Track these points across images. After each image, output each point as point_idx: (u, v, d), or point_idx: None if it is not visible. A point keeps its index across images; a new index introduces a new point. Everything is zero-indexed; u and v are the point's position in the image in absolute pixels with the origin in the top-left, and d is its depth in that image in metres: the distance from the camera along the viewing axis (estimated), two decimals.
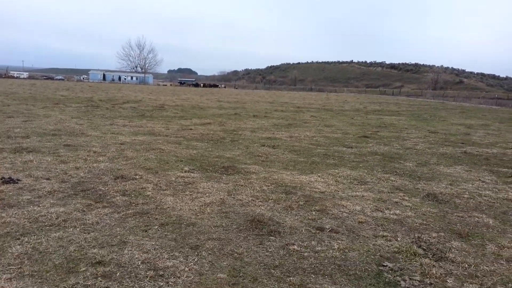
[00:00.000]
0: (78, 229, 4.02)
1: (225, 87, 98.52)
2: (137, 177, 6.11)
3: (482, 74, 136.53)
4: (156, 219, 4.42)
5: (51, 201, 4.84)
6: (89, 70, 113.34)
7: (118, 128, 11.83)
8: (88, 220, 4.28)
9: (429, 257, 3.74)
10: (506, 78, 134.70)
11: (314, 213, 4.88)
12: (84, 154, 7.68)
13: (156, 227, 4.19)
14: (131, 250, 3.58)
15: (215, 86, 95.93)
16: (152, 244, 3.73)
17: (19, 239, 3.71)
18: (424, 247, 3.96)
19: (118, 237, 3.86)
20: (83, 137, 9.70)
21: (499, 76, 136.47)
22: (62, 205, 4.70)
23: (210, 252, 3.65)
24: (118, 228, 4.09)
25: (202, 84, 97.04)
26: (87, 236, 3.84)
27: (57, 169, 6.39)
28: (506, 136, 13.97)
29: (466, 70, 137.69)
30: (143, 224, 4.25)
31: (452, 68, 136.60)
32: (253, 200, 5.27)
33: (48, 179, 5.79)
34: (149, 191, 5.44)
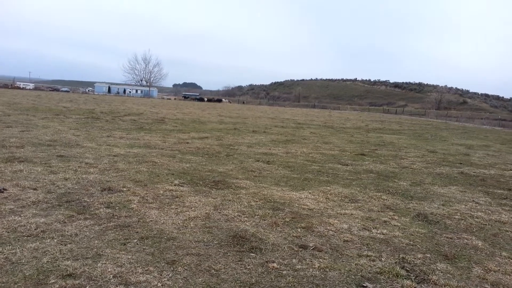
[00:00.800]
0: (55, 240, 3.96)
1: (230, 102, 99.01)
2: (125, 189, 6.06)
3: (486, 95, 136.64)
4: (137, 232, 4.35)
5: (34, 211, 4.79)
6: (95, 82, 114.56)
7: (114, 140, 11.83)
8: (67, 231, 4.22)
9: (411, 279, 3.64)
10: (510, 100, 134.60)
11: (299, 230, 4.80)
12: (76, 165, 7.65)
13: (135, 240, 4.11)
14: (105, 263, 3.51)
15: (219, 101, 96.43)
16: (128, 258, 3.65)
17: None
18: (408, 268, 3.86)
19: (95, 249, 3.79)
20: (78, 148, 9.69)
21: (503, 97, 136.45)
22: (43, 216, 4.64)
23: (186, 268, 3.57)
24: (96, 241, 4.02)
25: (206, 99, 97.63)
26: (63, 248, 3.78)
27: (45, 179, 6.36)
28: (506, 158, 13.85)
29: (470, 91, 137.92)
30: (123, 237, 4.18)
31: (456, 88, 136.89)
32: (239, 216, 5.19)
33: (34, 189, 5.75)
34: (134, 204, 5.38)
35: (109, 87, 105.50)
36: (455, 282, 3.62)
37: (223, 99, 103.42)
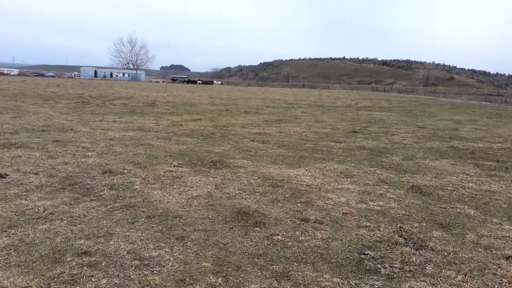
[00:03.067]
0: (65, 221, 4.06)
1: (222, 83, 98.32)
2: (125, 171, 6.15)
3: (473, 71, 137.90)
4: (143, 211, 4.47)
5: (39, 195, 4.87)
6: (81, 66, 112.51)
7: (108, 124, 11.81)
8: (75, 213, 4.32)
9: (409, 246, 3.84)
10: (496, 75, 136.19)
11: (299, 205, 4.96)
12: (73, 149, 7.69)
13: (143, 219, 4.24)
14: (117, 241, 3.63)
15: (211, 82, 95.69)
16: (138, 236, 3.78)
17: (6, 231, 3.74)
18: (406, 236, 4.06)
19: (105, 229, 3.91)
20: (72, 133, 9.69)
21: (489, 72, 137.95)
22: (49, 199, 4.73)
23: (195, 243, 3.71)
24: (105, 221, 4.14)
25: (198, 81, 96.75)
26: (73, 228, 3.88)
27: (45, 164, 6.40)
28: (493, 131, 14.19)
29: (457, 67, 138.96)
30: (130, 216, 4.29)
31: (443, 64, 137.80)
32: (240, 193, 5.34)
33: (36, 173, 5.80)
34: (137, 185, 5.48)
35: (95, 71, 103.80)
36: (451, 248, 3.83)
37: (215, 81, 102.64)
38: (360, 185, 6.02)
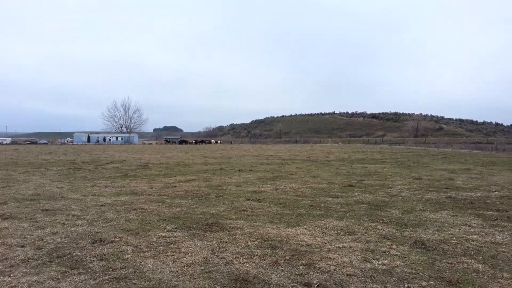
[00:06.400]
0: None
1: (218, 142, 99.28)
2: (117, 239, 5.88)
3: (461, 120, 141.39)
4: (135, 284, 4.19)
5: (24, 270, 4.58)
6: (74, 132, 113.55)
7: (99, 189, 11.59)
8: None
9: None
10: (484, 123, 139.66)
11: (301, 267, 4.71)
12: (62, 218, 7.43)
13: None
14: None
15: (209, 142, 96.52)
16: None
17: None
18: None
19: None
20: (63, 201, 9.44)
21: (477, 121, 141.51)
22: (35, 274, 4.44)
23: None
24: None
25: (193, 141, 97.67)
26: None
27: (33, 235, 6.12)
28: (489, 179, 14.15)
29: (445, 117, 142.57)
30: None
31: (431, 115, 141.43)
32: (238, 258, 5.08)
33: (22, 246, 5.52)
34: (129, 254, 5.21)
35: (88, 136, 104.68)
36: None
37: (212, 140, 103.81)
38: (362, 243, 5.79)
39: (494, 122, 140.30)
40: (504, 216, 7.64)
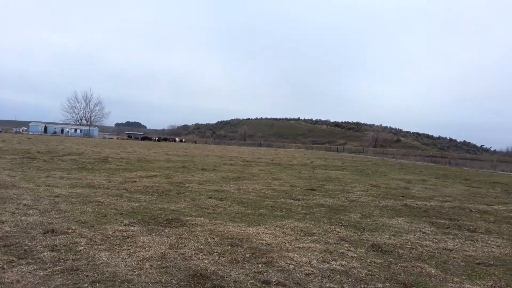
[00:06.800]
0: None
1: (184, 141, 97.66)
2: (70, 231, 5.62)
3: (418, 134, 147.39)
4: (87, 276, 4.00)
5: None
6: (30, 122, 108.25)
7: (54, 180, 11.08)
8: (7, 278, 3.78)
9: None
10: (439, 138, 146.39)
11: (260, 265, 4.69)
12: (12, 207, 7.02)
13: (86, 285, 3.77)
14: None
15: (173, 140, 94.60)
16: None
17: None
18: None
19: None
20: (14, 190, 8.93)
21: (432, 135, 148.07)
22: None
23: None
24: (42, 287, 3.64)
25: (156, 138, 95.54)
26: None
27: None
28: (442, 191, 14.79)
29: (403, 130, 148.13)
30: (71, 281, 3.82)
31: (390, 127, 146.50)
32: (197, 254, 4.98)
33: None
34: (82, 246, 4.98)
35: (45, 127, 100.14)
36: None
37: (177, 138, 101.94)
38: (321, 244, 5.85)
39: (448, 138, 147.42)
40: (456, 225, 7.99)
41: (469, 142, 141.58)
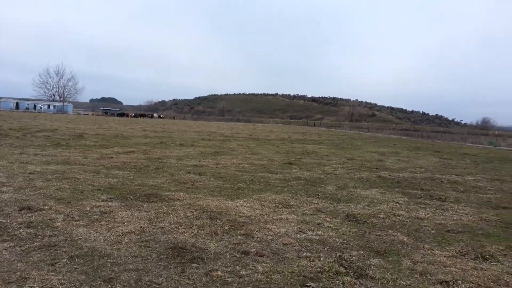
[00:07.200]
0: None
1: (161, 117, 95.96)
2: (46, 207, 5.55)
3: (392, 108, 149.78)
4: (65, 251, 3.99)
5: None
6: (1, 98, 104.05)
7: (28, 157, 10.81)
8: None
9: (350, 275, 3.81)
10: (412, 112, 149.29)
11: (239, 237, 4.78)
12: None
13: (65, 260, 3.77)
14: (32, 286, 3.16)
15: (151, 116, 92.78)
16: (59, 279, 3.34)
17: None
18: (346, 266, 4.04)
19: (18, 273, 3.41)
20: None
21: (406, 110, 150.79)
22: None
23: (125, 285, 3.35)
24: (19, 264, 3.62)
25: (132, 114, 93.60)
26: None
27: None
28: (415, 162, 15.24)
29: (378, 104, 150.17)
30: (49, 257, 3.81)
31: (366, 102, 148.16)
32: (176, 227, 5.03)
33: None
34: (59, 222, 4.95)
35: (17, 103, 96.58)
36: (389, 275, 3.87)
37: (155, 114, 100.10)
38: (299, 215, 6.00)
39: (421, 112, 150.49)
40: (427, 195, 8.31)
41: (441, 116, 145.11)
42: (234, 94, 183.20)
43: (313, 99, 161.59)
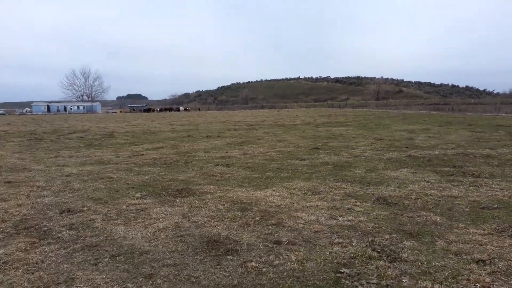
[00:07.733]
0: (20, 270, 3.73)
1: (189, 109, 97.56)
2: (85, 208, 5.82)
3: (419, 83, 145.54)
4: (106, 250, 4.20)
5: None
6: (32, 102, 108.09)
7: (63, 159, 11.27)
8: (32, 259, 3.99)
9: (383, 259, 3.83)
10: (441, 85, 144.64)
11: (270, 227, 4.87)
12: (27, 189, 7.22)
13: (107, 259, 3.98)
14: (79, 286, 3.37)
15: (177, 109, 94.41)
16: (103, 278, 3.53)
17: None
18: (378, 250, 4.06)
19: (65, 274, 3.63)
20: (26, 172, 9.14)
21: (434, 83, 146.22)
22: (2, 246, 4.35)
23: (165, 280, 3.51)
24: (65, 265, 3.85)
25: (158, 109, 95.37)
26: (31, 277, 3.57)
27: None
28: (446, 138, 14.86)
29: (405, 80, 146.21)
30: (92, 257, 4.02)
31: (392, 78, 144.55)
32: (209, 221, 5.18)
33: None
34: (98, 222, 5.19)
35: (48, 106, 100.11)
36: (423, 257, 3.86)
37: (181, 107, 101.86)
38: (328, 201, 6.03)
39: (450, 84, 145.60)
40: (460, 172, 8.13)
41: (472, 87, 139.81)
42: (256, 81, 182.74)
43: (337, 80, 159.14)
